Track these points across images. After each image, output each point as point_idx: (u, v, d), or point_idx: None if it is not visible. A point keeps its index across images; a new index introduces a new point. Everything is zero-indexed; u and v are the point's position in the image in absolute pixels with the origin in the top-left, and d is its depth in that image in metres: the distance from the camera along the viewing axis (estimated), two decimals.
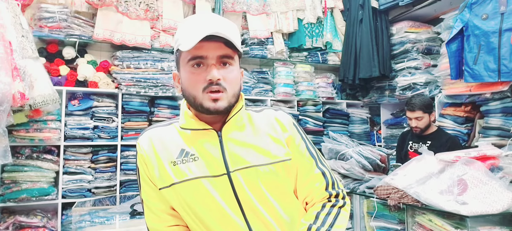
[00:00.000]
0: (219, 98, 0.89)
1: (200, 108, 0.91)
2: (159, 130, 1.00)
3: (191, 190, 0.92)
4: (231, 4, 3.67)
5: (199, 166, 0.93)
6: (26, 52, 2.37)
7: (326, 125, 4.02)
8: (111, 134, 3.14)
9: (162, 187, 0.94)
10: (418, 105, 2.67)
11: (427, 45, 3.68)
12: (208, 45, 0.87)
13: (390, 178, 2.29)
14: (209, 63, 0.89)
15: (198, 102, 0.90)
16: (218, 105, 0.89)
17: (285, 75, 3.86)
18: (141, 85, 3.21)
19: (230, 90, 0.91)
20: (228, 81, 0.91)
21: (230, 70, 0.92)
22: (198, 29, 0.87)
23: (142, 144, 0.98)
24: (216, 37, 0.86)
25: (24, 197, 2.72)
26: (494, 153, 2.08)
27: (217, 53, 0.89)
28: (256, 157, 0.94)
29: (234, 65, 0.93)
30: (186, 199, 0.92)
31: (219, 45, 0.88)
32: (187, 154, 0.94)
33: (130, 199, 2.57)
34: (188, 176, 0.92)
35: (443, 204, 1.88)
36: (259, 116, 1.03)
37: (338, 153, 2.97)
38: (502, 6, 2.62)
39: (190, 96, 0.92)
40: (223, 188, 0.91)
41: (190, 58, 0.90)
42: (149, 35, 3.29)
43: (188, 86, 0.92)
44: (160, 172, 0.94)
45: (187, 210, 0.93)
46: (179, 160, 0.94)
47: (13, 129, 2.68)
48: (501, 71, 2.59)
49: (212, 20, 0.91)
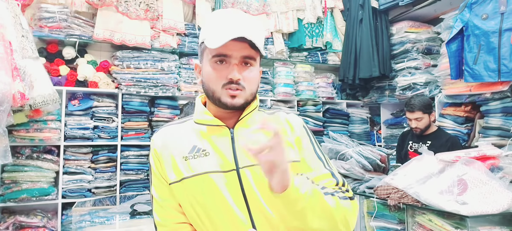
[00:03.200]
0: (237, 95, 0.92)
1: (218, 102, 0.94)
2: (174, 127, 1.04)
3: (200, 185, 0.94)
4: (231, 4, 3.67)
5: (210, 161, 0.95)
6: (26, 52, 2.36)
7: (326, 125, 4.02)
8: (111, 134, 3.14)
9: (173, 182, 0.96)
10: (418, 106, 2.67)
11: (427, 45, 3.69)
12: (233, 45, 0.90)
13: (390, 178, 2.29)
14: (232, 62, 0.92)
15: (217, 96, 0.93)
16: (235, 101, 0.92)
17: (285, 75, 3.86)
18: (141, 85, 3.21)
19: (248, 89, 0.94)
20: (247, 81, 0.93)
21: (250, 70, 0.94)
22: (226, 29, 0.90)
23: (156, 139, 1.02)
24: (242, 37, 0.88)
25: (24, 197, 2.72)
26: (494, 153, 2.08)
27: (241, 54, 0.92)
28: None
29: (255, 65, 0.96)
30: (195, 193, 0.94)
31: (244, 46, 0.91)
32: (199, 150, 0.97)
33: (130, 199, 2.57)
34: (198, 171, 0.94)
35: (443, 204, 1.88)
36: (271, 117, 1.05)
37: (338, 153, 2.97)
38: (502, 6, 2.62)
39: (210, 90, 0.95)
40: (231, 184, 0.93)
41: (215, 55, 0.93)
42: (149, 35, 3.29)
43: (209, 80, 0.95)
44: (172, 167, 0.97)
45: (194, 205, 0.95)
46: (190, 155, 0.96)
47: (13, 129, 2.68)
48: (501, 71, 2.59)
49: (241, 21, 0.94)
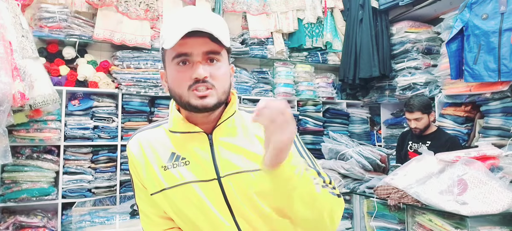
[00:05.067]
0: (207, 95, 0.84)
1: (188, 106, 0.86)
2: (148, 133, 0.96)
3: (182, 195, 0.89)
4: (231, 4, 3.66)
5: (190, 170, 0.89)
6: (26, 52, 2.37)
7: (326, 125, 4.02)
8: (111, 134, 3.14)
9: (153, 192, 0.91)
10: (417, 106, 2.67)
11: (427, 45, 3.68)
12: (192, 42, 0.82)
13: (390, 178, 2.29)
14: (195, 61, 0.84)
15: (185, 101, 0.85)
16: (206, 102, 0.84)
17: (285, 75, 3.86)
18: (141, 85, 3.21)
19: (219, 87, 0.86)
20: (216, 78, 0.85)
21: (217, 66, 0.86)
22: (181, 25, 0.82)
23: (132, 148, 0.95)
24: (200, 32, 0.81)
25: (24, 197, 2.72)
26: (494, 153, 2.08)
27: (202, 50, 0.84)
28: (247, 162, 0.90)
29: (222, 61, 0.87)
30: (177, 204, 0.89)
31: (204, 41, 0.83)
32: (178, 158, 0.90)
33: (130, 199, 2.57)
34: (179, 181, 0.89)
35: (443, 204, 1.88)
36: (250, 116, 0.97)
37: (338, 153, 2.97)
38: (502, 6, 2.62)
39: (176, 95, 0.87)
40: (213, 193, 0.88)
41: (174, 56, 0.85)
42: (149, 35, 3.29)
43: (174, 85, 0.87)
44: (151, 177, 0.91)
45: (179, 214, 0.91)
46: (169, 164, 0.90)
47: (13, 129, 2.68)
48: (501, 71, 2.59)
49: (196, 14, 0.85)
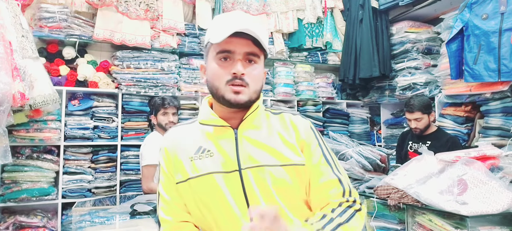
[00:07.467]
0: (240, 92, 0.93)
1: (222, 100, 0.95)
2: (183, 127, 1.08)
3: (204, 185, 0.95)
4: (231, 4, 3.66)
5: (214, 161, 0.96)
6: (26, 52, 2.36)
7: (326, 125, 4.02)
8: (111, 134, 3.14)
9: (179, 181, 0.99)
10: (417, 106, 2.67)
11: (427, 45, 3.69)
12: (237, 41, 0.92)
13: (390, 178, 2.29)
14: (236, 58, 0.94)
15: (221, 93, 0.94)
16: (239, 98, 0.93)
17: (285, 75, 3.86)
18: (141, 85, 3.21)
19: (252, 86, 0.95)
20: (251, 78, 0.95)
21: (254, 67, 0.96)
22: (229, 24, 0.92)
23: (167, 139, 1.05)
24: (245, 34, 0.91)
25: (24, 197, 2.72)
26: (494, 153, 2.08)
27: (244, 50, 0.94)
28: (268, 157, 0.97)
29: (259, 63, 0.97)
30: (199, 193, 0.96)
31: (247, 42, 0.93)
32: (204, 150, 0.98)
33: (130, 199, 2.56)
34: (202, 171, 0.96)
35: (443, 204, 1.88)
36: (276, 117, 1.06)
37: (338, 153, 2.96)
38: (502, 6, 2.62)
39: (214, 88, 0.96)
40: (233, 184, 0.94)
41: (218, 51, 0.94)
42: (149, 35, 3.29)
43: (213, 78, 0.96)
44: (179, 166, 0.99)
45: (199, 204, 0.96)
46: (196, 156, 0.98)
47: (13, 129, 2.68)
48: (501, 71, 2.59)
49: (244, 18, 0.97)
